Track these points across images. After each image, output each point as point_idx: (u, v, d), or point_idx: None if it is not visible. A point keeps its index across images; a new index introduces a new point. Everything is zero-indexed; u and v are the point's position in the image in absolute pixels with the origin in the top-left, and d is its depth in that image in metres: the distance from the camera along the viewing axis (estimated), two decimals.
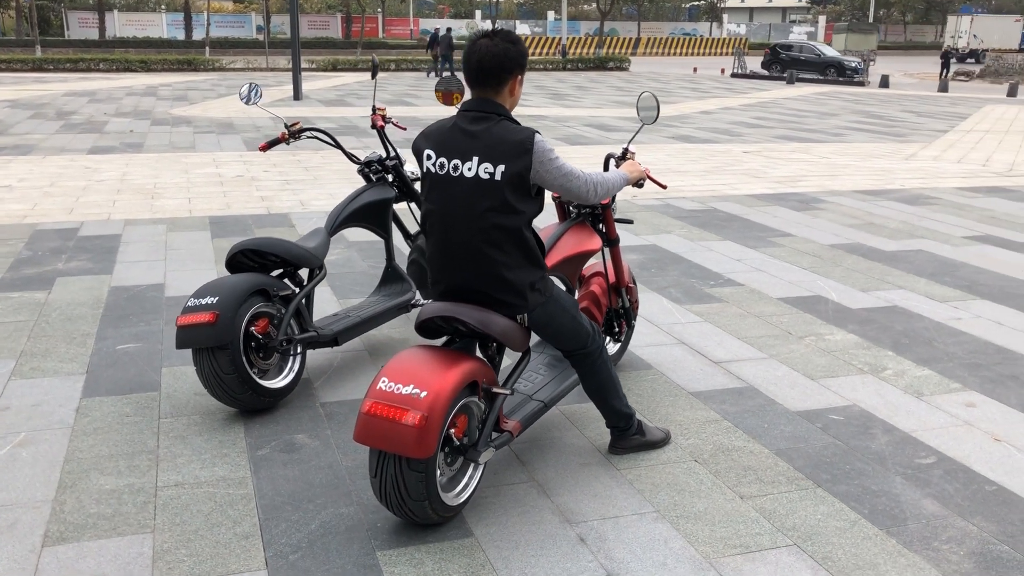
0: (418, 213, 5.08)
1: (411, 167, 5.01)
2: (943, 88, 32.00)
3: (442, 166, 3.10)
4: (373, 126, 4.91)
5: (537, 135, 3.05)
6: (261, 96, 4.82)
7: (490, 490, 3.33)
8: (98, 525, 3.06)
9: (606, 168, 3.94)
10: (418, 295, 4.99)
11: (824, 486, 3.41)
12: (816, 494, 3.35)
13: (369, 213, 4.69)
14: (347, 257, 6.64)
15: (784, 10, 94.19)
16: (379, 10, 62.15)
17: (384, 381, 2.93)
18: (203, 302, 3.75)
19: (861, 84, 33.56)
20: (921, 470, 3.55)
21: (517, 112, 16.46)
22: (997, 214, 8.84)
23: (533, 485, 3.38)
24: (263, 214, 8.05)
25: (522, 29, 67.92)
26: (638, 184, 3.54)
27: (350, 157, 4.95)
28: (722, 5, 75.83)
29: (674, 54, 59.30)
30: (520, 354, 3.43)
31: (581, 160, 12.05)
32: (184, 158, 11.41)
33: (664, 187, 3.88)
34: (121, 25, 54.32)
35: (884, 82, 34.07)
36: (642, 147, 13.46)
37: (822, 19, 77.22)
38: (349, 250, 6.84)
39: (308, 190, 9.27)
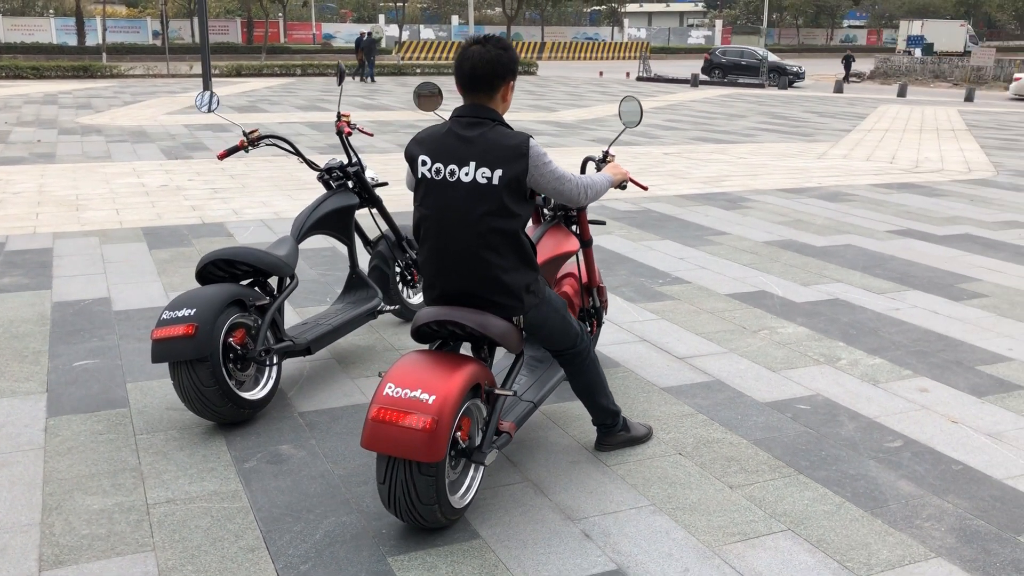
0: (380, 219, 5.08)
1: (371, 173, 5.00)
2: (838, 90, 33.29)
3: (438, 171, 3.12)
4: (339, 132, 4.88)
5: (532, 139, 3.10)
6: (219, 104, 4.74)
7: (487, 492, 3.36)
8: (94, 546, 2.97)
9: (583, 171, 4.01)
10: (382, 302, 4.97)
11: (805, 472, 3.56)
12: (799, 480, 3.49)
13: (333, 220, 4.66)
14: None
15: (681, 14, 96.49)
16: (280, 15, 61.08)
17: (390, 387, 2.93)
18: (180, 314, 3.68)
19: (779, 87, 34.49)
20: (891, 453, 3.73)
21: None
22: (912, 209, 9.28)
23: (528, 485, 3.42)
24: (197, 224, 7.87)
25: (427, 34, 67.78)
26: (621, 186, 3.62)
27: (309, 164, 4.90)
28: (623, 10, 77.22)
29: (579, 58, 60.04)
30: (514, 356, 3.47)
31: None
32: (102, 168, 11.05)
33: (645, 188, 3.98)
34: (6, 30, 52.03)
35: (787, 83, 35.28)
36: (566, 151, 13.64)
37: (719, 23, 79.39)
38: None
39: (238, 198, 9.10)
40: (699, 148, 14.30)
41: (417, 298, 5.34)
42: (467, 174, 3.08)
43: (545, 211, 4.06)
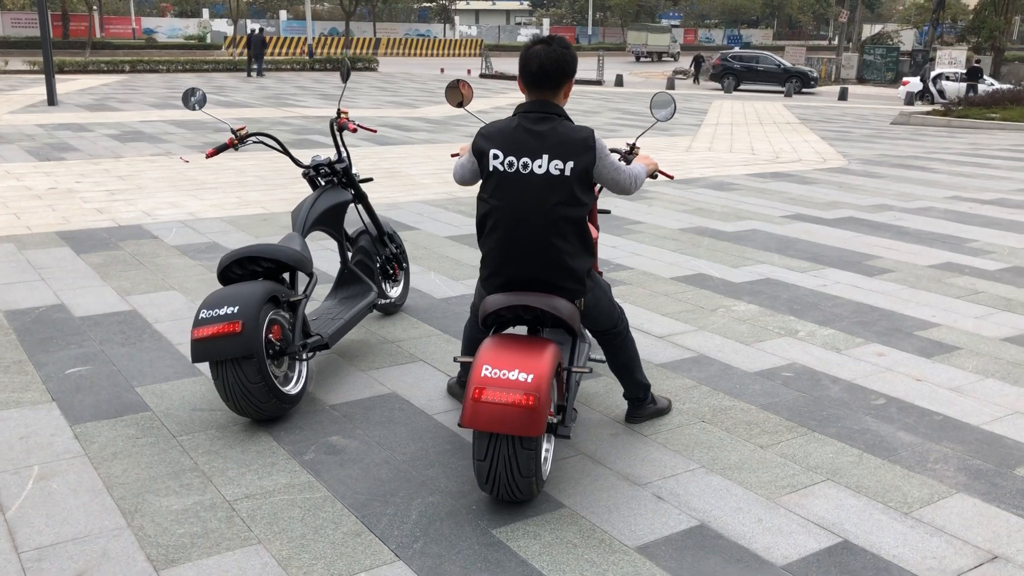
0: (366, 215, 5.15)
1: (354, 169, 5.05)
2: (670, 86, 34.97)
3: (511, 164, 3.30)
4: (332, 127, 4.90)
5: (596, 133, 3.34)
6: (206, 101, 4.69)
7: (552, 465, 3.56)
8: (197, 544, 2.98)
9: None
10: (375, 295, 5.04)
11: (817, 430, 3.96)
12: (816, 437, 3.89)
13: (330, 216, 4.71)
14: None
15: (508, 12, 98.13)
16: (95, 8, 57.64)
17: (487, 368, 3.09)
18: (223, 312, 3.67)
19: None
20: (880, 410, 4.20)
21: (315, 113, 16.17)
22: (794, 196, 10.07)
23: (584, 457, 3.65)
24: (112, 227, 7.57)
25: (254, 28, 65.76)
26: (652, 176, 3.90)
27: (295, 162, 4.92)
28: (453, 7, 77.72)
29: (415, 55, 60.02)
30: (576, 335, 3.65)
31: (400, 159, 12.22)
32: None
33: (672, 177, 4.27)
34: None
35: (619, 81, 36.63)
36: (446, 147, 13.81)
37: (547, 21, 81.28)
38: None
39: (141, 200, 8.77)
40: None
41: (395, 291, 5.43)
42: (540, 166, 3.27)
43: None
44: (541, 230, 3.29)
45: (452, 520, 3.16)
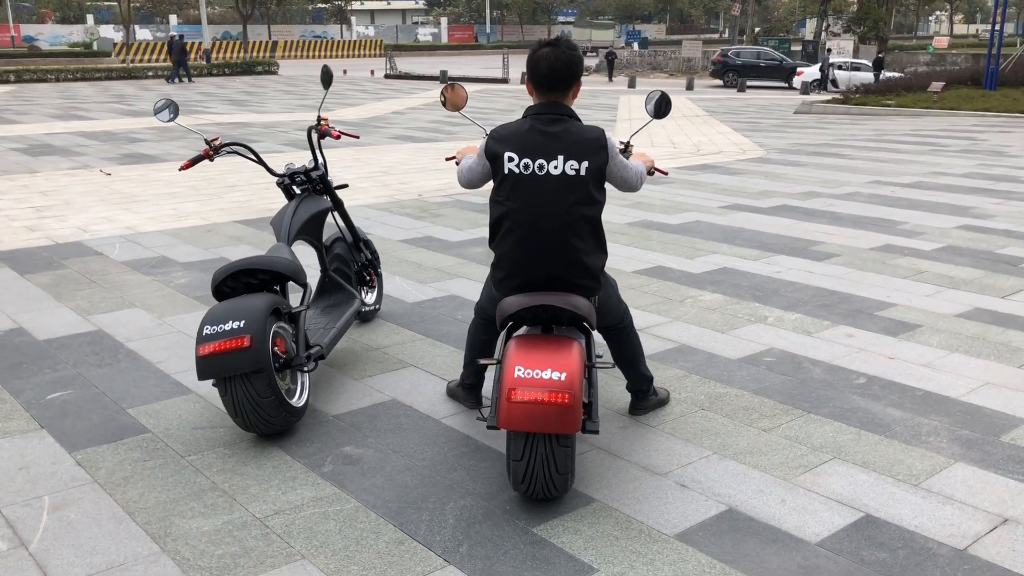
0: (342, 222, 5.10)
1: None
2: None
3: (527, 166, 3.33)
4: (324, 135, 4.84)
5: (607, 132, 3.40)
6: (178, 112, 4.57)
7: None
8: (241, 564, 2.93)
9: None
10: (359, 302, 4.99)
11: (812, 411, 4.12)
12: (812, 418, 4.05)
13: (311, 225, 4.65)
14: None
15: (404, 12, 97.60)
16: None
17: (520, 369, 3.12)
18: (229, 327, 3.60)
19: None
20: (864, 388, 4.39)
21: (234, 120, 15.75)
22: (725, 187, 10.36)
23: (600, 451, 3.72)
24: (50, 244, 7.28)
25: (143, 34, 63.79)
26: (649, 173, 3.99)
27: (269, 171, 4.85)
28: (349, 8, 76.86)
29: (314, 57, 59.18)
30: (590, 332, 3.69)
31: (330, 164, 12.07)
32: None
33: (666, 173, 4.35)
34: None
35: (523, 79, 36.82)
36: (377, 148, 13.71)
37: (444, 20, 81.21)
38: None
39: (72, 215, 8.46)
40: None
41: (370, 298, 5.39)
42: (556, 167, 3.32)
43: None
44: (558, 230, 3.33)
45: (490, 522, 3.18)
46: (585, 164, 3.32)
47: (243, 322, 3.61)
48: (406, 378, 4.51)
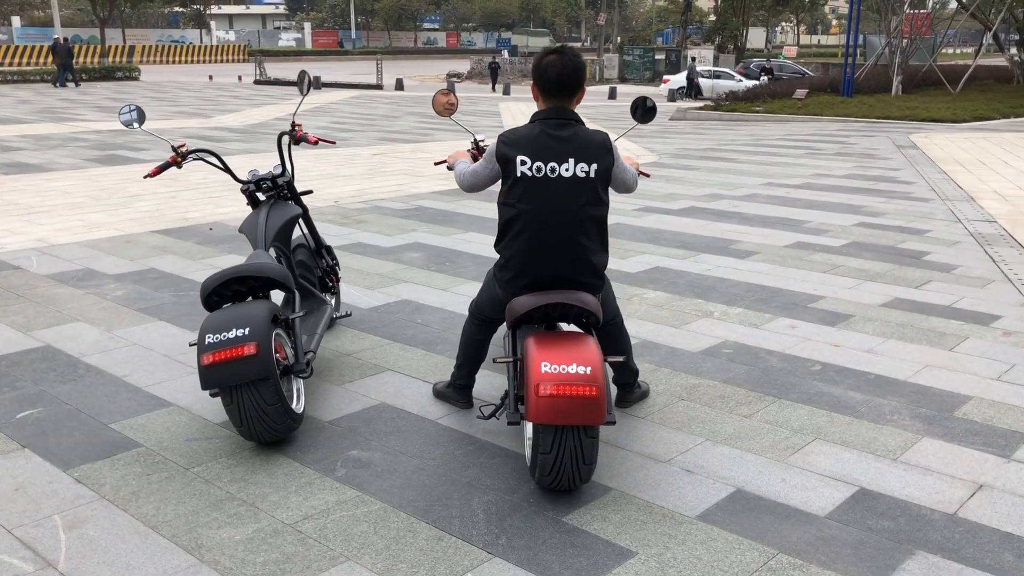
0: (306, 228, 5.07)
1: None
2: (451, 88, 35.54)
3: (539, 169, 3.45)
4: (300, 140, 4.79)
5: (610, 135, 3.56)
6: (144, 118, 4.46)
7: None
8: (287, 570, 2.92)
9: None
10: (331, 307, 4.95)
11: (783, 397, 4.39)
12: (785, 404, 4.32)
13: (284, 231, 4.62)
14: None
15: (264, 16, 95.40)
16: None
17: (546, 365, 3.23)
18: (234, 335, 3.56)
19: None
20: (821, 375, 4.70)
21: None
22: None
23: (602, 443, 3.86)
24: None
25: None
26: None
27: (235, 178, 4.78)
28: (208, 13, 74.57)
29: (174, 62, 57.15)
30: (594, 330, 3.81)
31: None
32: None
33: (648, 176, 4.52)
34: None
35: (399, 85, 36.78)
36: (265, 156, 13.44)
37: (308, 25, 79.90)
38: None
39: (26, 228, 8.00)
40: (398, 147, 14.87)
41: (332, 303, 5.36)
42: (567, 170, 3.45)
43: None
44: (569, 230, 3.47)
45: (519, 514, 3.27)
46: (595, 166, 3.47)
47: (247, 329, 3.57)
48: (387, 382, 4.53)
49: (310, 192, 5.18)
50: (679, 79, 34.47)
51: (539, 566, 2.96)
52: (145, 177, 4.48)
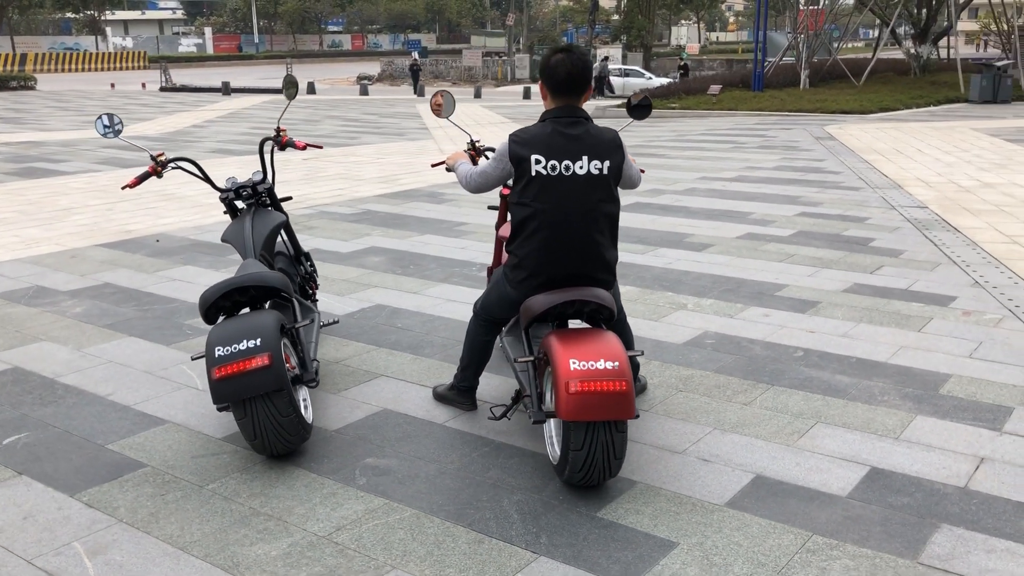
0: (286, 235, 4.97)
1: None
2: (363, 92, 35.34)
3: (554, 168, 3.46)
4: (286, 146, 4.67)
5: (620, 134, 3.60)
6: (123, 127, 4.31)
7: None
8: None
9: None
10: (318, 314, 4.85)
11: (776, 384, 4.50)
12: (779, 390, 4.42)
13: (270, 240, 4.52)
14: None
15: (160, 22, 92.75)
16: None
17: (575, 362, 3.24)
18: (245, 346, 3.47)
19: None
20: (805, 360, 4.83)
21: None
22: None
23: None
24: None
25: None
26: None
27: (214, 186, 4.66)
28: (103, 19, 72.12)
29: (70, 70, 55.08)
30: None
31: (164, 182, 11.45)
32: None
33: (643, 171, 4.54)
34: None
35: (311, 89, 36.27)
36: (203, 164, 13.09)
37: (208, 30, 78.05)
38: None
39: None
40: (333, 152, 14.66)
41: None
42: (581, 167, 3.48)
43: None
44: (584, 227, 3.49)
45: (553, 513, 3.28)
46: (607, 163, 3.50)
47: (259, 340, 3.49)
48: (383, 387, 4.48)
49: (289, 199, 5.07)
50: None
51: (586, 562, 2.97)
52: (123, 188, 4.33)
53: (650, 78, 36.18)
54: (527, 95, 33.21)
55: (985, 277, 6.40)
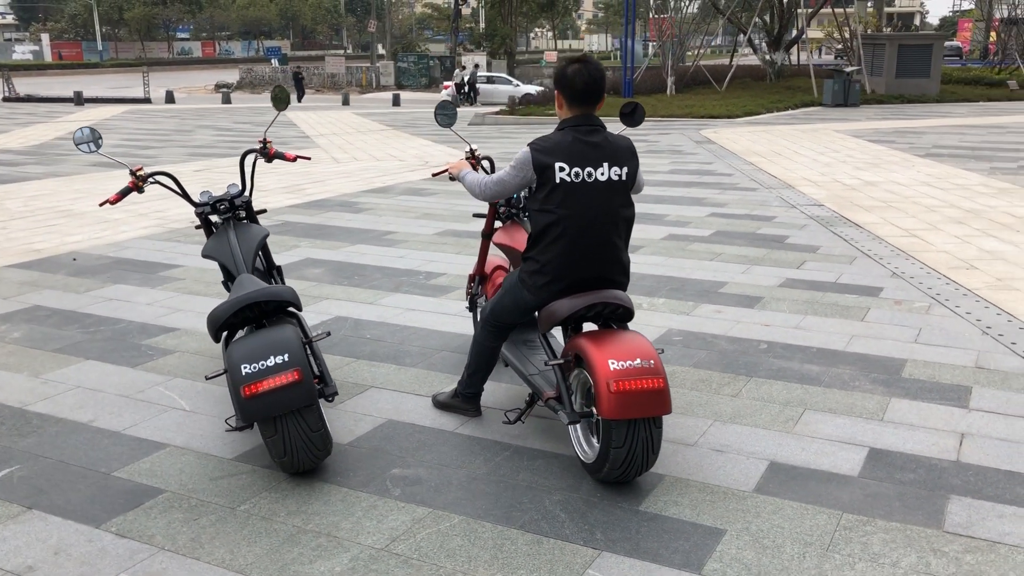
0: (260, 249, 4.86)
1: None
2: (226, 100, 34.41)
3: (577, 175, 3.56)
4: (274, 157, 4.55)
5: (633, 142, 3.73)
6: (102, 141, 4.13)
7: None
8: None
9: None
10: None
11: (755, 376, 4.73)
12: (760, 381, 4.66)
13: (256, 254, 4.42)
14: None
15: None
16: None
17: (613, 362, 3.35)
18: (274, 362, 3.40)
19: None
20: (772, 352, 5.10)
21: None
22: None
23: None
24: None
25: None
26: None
27: (190, 201, 4.52)
28: None
29: None
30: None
31: (52, 197, 10.84)
32: None
33: None
34: None
35: (170, 98, 34.95)
36: (88, 178, 12.48)
37: (45, 37, 73.89)
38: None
39: None
40: (216, 162, 14.22)
41: None
42: (603, 174, 3.59)
43: (500, 208, 4.55)
44: (605, 232, 3.60)
45: (597, 509, 3.37)
46: (625, 169, 3.63)
47: (286, 355, 3.43)
48: (379, 399, 4.45)
49: (264, 212, 4.96)
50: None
51: (648, 554, 3.08)
52: (101, 204, 4.14)
53: (517, 84, 36.70)
54: (396, 102, 33.05)
55: (900, 269, 6.89)
